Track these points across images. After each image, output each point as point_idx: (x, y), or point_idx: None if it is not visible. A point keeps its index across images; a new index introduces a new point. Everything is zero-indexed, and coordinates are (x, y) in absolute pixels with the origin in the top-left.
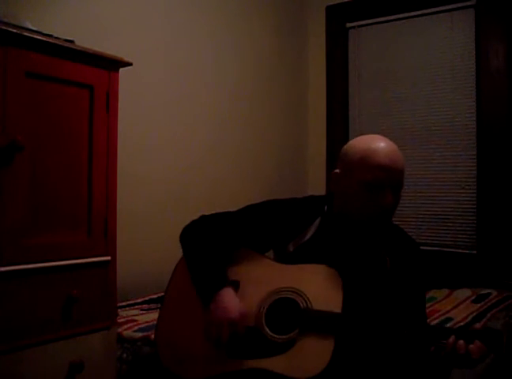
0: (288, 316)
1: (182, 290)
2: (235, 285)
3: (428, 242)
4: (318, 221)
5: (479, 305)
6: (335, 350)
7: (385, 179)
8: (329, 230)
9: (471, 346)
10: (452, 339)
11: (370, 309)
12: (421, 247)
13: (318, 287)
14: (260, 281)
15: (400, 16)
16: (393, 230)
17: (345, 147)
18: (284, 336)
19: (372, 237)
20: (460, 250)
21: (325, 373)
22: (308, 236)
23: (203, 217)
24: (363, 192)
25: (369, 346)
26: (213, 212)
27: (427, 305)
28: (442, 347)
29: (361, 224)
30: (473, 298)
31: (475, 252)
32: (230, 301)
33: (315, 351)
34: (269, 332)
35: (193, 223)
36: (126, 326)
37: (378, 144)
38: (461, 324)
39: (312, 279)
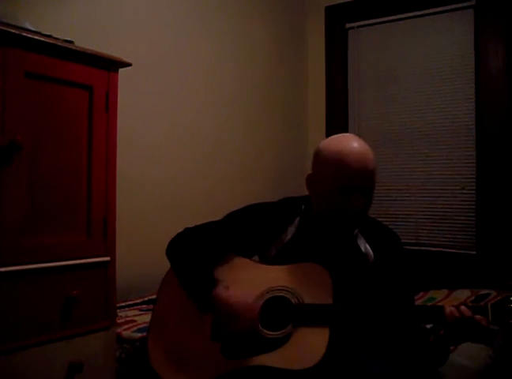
0: (281, 313)
1: (172, 299)
2: None
3: (428, 242)
4: (297, 221)
5: None
6: (330, 340)
7: (355, 183)
8: (309, 229)
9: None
10: (451, 308)
11: (360, 299)
12: (420, 247)
13: (307, 283)
14: (250, 284)
15: (400, 16)
16: (374, 224)
17: (317, 149)
18: (278, 332)
19: (352, 233)
20: (459, 251)
21: (323, 362)
22: (289, 236)
23: (187, 229)
24: (335, 195)
25: (363, 333)
26: (199, 223)
27: (427, 305)
28: (440, 325)
29: (336, 224)
30: (472, 298)
31: (474, 252)
32: (231, 292)
33: (311, 342)
34: (263, 330)
35: (178, 235)
36: (125, 326)
37: (348, 147)
38: None
39: (300, 277)
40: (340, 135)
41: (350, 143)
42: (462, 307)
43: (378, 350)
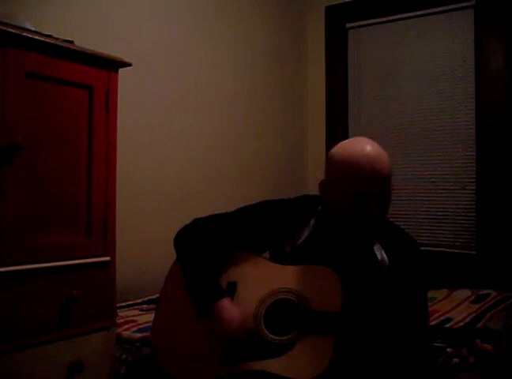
0: (287, 317)
1: (177, 294)
2: (233, 287)
3: (428, 242)
4: (312, 221)
5: (478, 305)
6: (335, 351)
7: (368, 191)
8: (325, 231)
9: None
10: (465, 349)
11: (370, 310)
12: (421, 247)
13: (316, 287)
14: (258, 282)
15: (400, 16)
16: (391, 228)
17: (330, 154)
18: (283, 338)
19: (368, 237)
20: (459, 251)
21: (327, 373)
22: (304, 237)
23: (196, 220)
24: (347, 202)
25: (369, 346)
26: (207, 215)
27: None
28: (451, 355)
29: (351, 230)
30: (472, 298)
31: (474, 252)
32: (228, 313)
33: (316, 352)
34: (268, 333)
35: (187, 227)
36: (125, 326)
37: (360, 152)
38: (461, 324)
39: (310, 280)
40: (353, 138)
41: (362, 147)
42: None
43: (384, 363)
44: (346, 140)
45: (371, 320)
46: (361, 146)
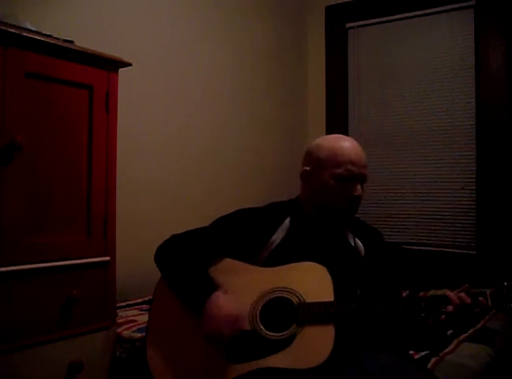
0: (283, 313)
1: (169, 301)
2: None
3: (428, 242)
4: (287, 221)
5: None
6: (336, 337)
7: (355, 172)
8: (301, 228)
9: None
10: (453, 294)
11: (359, 293)
12: (421, 247)
13: (306, 282)
14: (248, 286)
15: (400, 16)
16: (356, 221)
17: (312, 146)
18: (282, 333)
19: (342, 229)
20: (459, 251)
21: (331, 358)
22: (280, 237)
23: (175, 236)
24: (336, 185)
25: (367, 326)
26: (185, 230)
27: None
28: (441, 312)
29: (332, 216)
30: None
31: (474, 252)
32: (224, 304)
33: (318, 340)
34: (266, 331)
35: (166, 242)
36: (125, 326)
37: (344, 142)
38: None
39: (299, 276)
40: (332, 134)
41: (344, 138)
42: (462, 294)
43: (379, 340)
44: (326, 136)
45: (364, 304)
46: (342, 138)
